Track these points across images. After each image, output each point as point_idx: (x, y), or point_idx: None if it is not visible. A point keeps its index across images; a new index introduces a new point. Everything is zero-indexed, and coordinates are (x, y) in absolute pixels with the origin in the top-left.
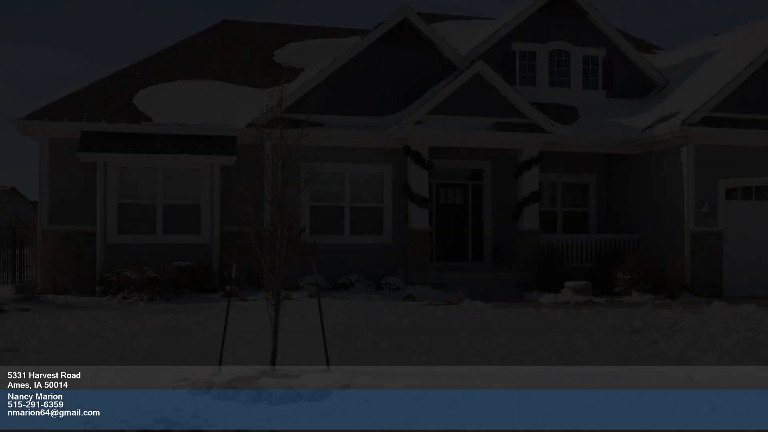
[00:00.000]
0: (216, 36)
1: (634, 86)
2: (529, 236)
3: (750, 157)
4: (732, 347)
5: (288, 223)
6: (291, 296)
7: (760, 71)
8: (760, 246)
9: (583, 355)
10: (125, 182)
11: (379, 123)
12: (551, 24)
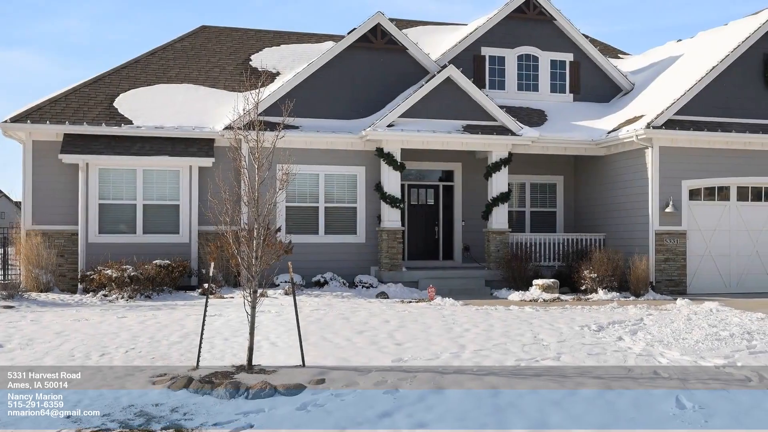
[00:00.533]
0: (194, 41)
1: (601, 90)
2: (498, 235)
3: (713, 159)
4: (695, 343)
5: (264, 222)
6: (267, 294)
7: (721, 76)
8: (723, 245)
9: (550, 350)
10: (106, 183)
11: (353, 126)
12: (520, 29)
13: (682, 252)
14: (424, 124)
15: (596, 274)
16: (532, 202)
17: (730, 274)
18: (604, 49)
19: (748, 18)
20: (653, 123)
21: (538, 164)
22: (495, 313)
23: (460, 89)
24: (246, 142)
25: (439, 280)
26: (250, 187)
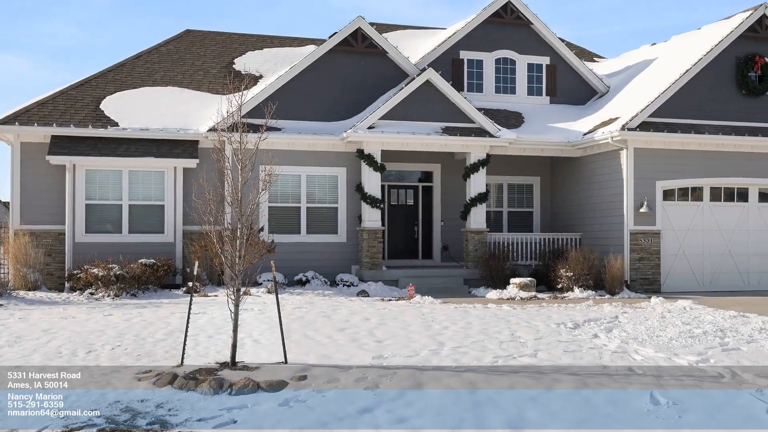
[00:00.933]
0: (179, 45)
1: (577, 92)
2: (476, 235)
3: (686, 160)
4: (669, 340)
5: (247, 222)
6: (250, 292)
7: (694, 79)
8: (696, 245)
9: (528, 348)
10: (92, 184)
11: (335, 127)
12: (498, 33)
13: (657, 251)
14: (403, 126)
15: (572, 273)
16: (510, 202)
17: (704, 272)
18: (580, 52)
19: (721, 22)
20: (628, 125)
21: (516, 165)
22: (473, 311)
23: (439, 92)
24: (229, 143)
25: (418, 279)
26: (233, 187)
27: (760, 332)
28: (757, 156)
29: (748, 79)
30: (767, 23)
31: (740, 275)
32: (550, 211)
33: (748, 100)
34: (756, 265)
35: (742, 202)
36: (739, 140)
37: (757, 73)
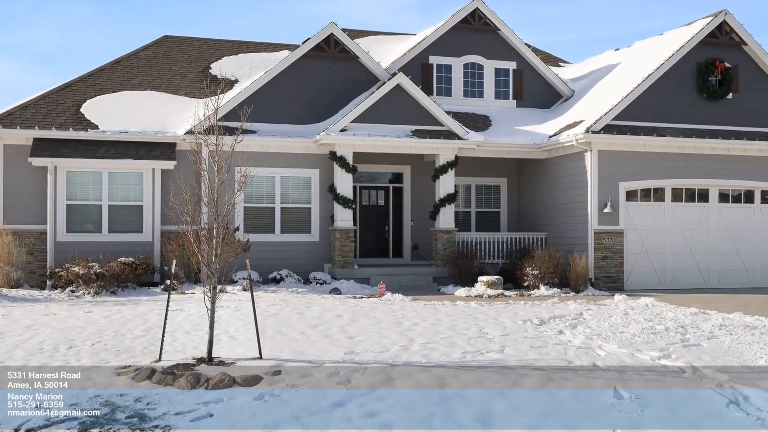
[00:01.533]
0: (157, 50)
1: (543, 96)
2: (445, 234)
3: (648, 162)
4: (632, 337)
5: (223, 222)
6: (226, 290)
7: (657, 83)
8: (658, 244)
9: (495, 343)
10: (73, 185)
11: (308, 130)
12: (466, 39)
13: (620, 250)
14: (375, 129)
15: (538, 271)
16: (478, 202)
17: (665, 271)
18: (546, 57)
19: (683, 28)
20: (592, 128)
21: (483, 167)
22: (442, 308)
23: (409, 96)
24: (206, 145)
25: (389, 277)
26: (210, 188)
27: (720, 329)
28: (717, 158)
29: (709, 83)
30: (727, 29)
31: (701, 274)
32: (517, 212)
33: (708, 103)
34: (716, 263)
35: (703, 203)
36: (700, 143)
37: (717, 77)
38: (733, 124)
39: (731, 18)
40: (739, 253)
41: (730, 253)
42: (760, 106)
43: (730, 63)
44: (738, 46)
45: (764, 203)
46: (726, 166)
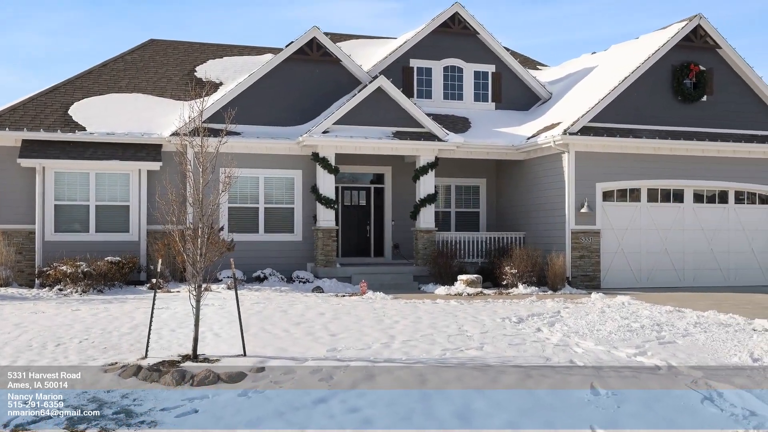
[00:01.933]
0: (143, 53)
1: (521, 99)
2: (425, 234)
3: (625, 163)
4: (608, 334)
5: (208, 222)
6: (211, 288)
7: (633, 86)
8: (634, 243)
9: (474, 341)
10: (61, 185)
11: (291, 132)
12: (446, 43)
13: (597, 249)
14: (356, 131)
15: (517, 270)
16: (457, 203)
17: (641, 270)
18: (524, 61)
19: (658, 32)
20: (569, 129)
21: (463, 168)
22: (423, 306)
23: (390, 98)
24: (191, 147)
25: (370, 276)
26: (195, 189)
27: (695, 326)
28: (692, 159)
29: (684, 86)
30: (702, 33)
31: (676, 272)
32: (496, 212)
33: (683, 106)
34: (691, 262)
35: (678, 203)
36: (675, 144)
37: (692, 80)
38: (707, 126)
39: (706, 22)
40: (713, 252)
41: (704, 252)
42: (734, 108)
43: (704, 66)
44: (712, 50)
45: (738, 203)
46: (701, 167)
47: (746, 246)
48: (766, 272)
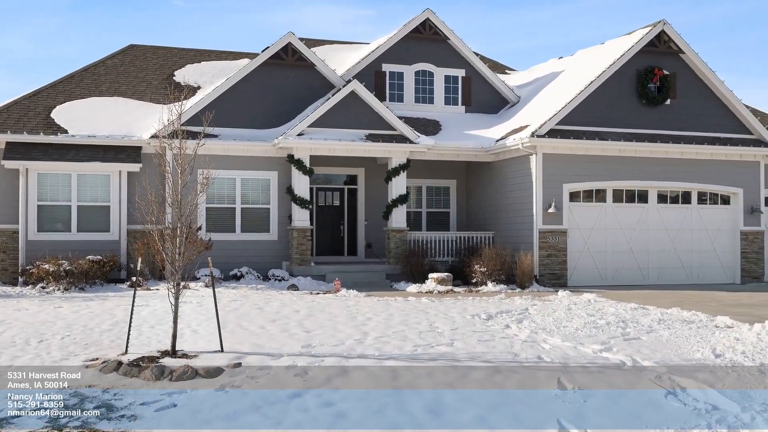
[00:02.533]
0: (124, 58)
1: (490, 102)
2: (397, 233)
3: (591, 165)
4: (575, 330)
5: (187, 222)
6: (189, 286)
7: (598, 90)
8: (600, 242)
9: (445, 337)
10: (44, 186)
11: (267, 134)
12: (417, 48)
13: (563, 248)
14: (330, 133)
15: (486, 268)
16: (428, 203)
17: (607, 268)
18: (493, 65)
19: (623, 37)
20: (537, 132)
21: (434, 169)
22: (395, 304)
23: (363, 102)
24: (170, 149)
25: (344, 274)
26: (173, 190)
27: (659, 323)
28: (656, 161)
29: (648, 90)
30: (666, 39)
31: (640, 271)
32: (466, 212)
33: (648, 109)
34: (655, 261)
35: (643, 204)
36: (639, 146)
37: (656, 84)
38: (671, 129)
39: (669, 28)
40: (676, 251)
41: (668, 251)
42: (696, 111)
43: (668, 70)
44: (676, 55)
45: (701, 204)
46: (664, 168)
47: (709, 245)
48: (728, 271)
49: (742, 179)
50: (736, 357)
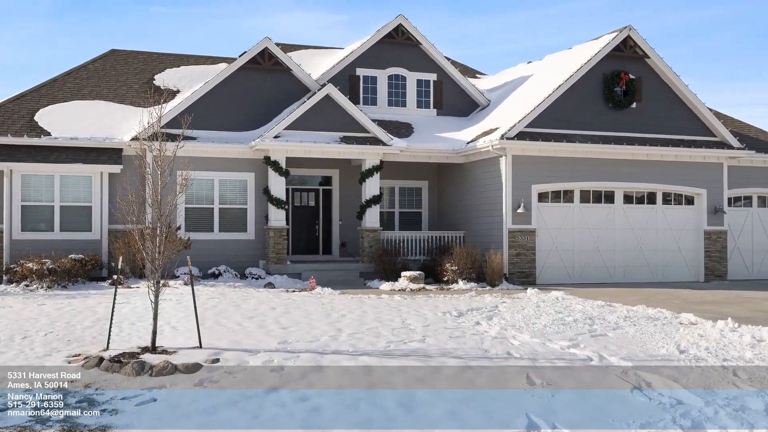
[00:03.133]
0: (105, 63)
1: (461, 105)
2: (371, 233)
3: (558, 166)
4: (543, 327)
5: (166, 222)
6: (169, 284)
7: (566, 93)
8: (567, 242)
9: (417, 334)
10: (28, 187)
11: (244, 137)
12: (390, 52)
13: (532, 247)
14: (306, 136)
15: (457, 267)
16: (401, 203)
17: (574, 266)
18: (464, 69)
19: (590, 42)
20: (507, 134)
21: (406, 171)
22: (368, 301)
23: (337, 105)
24: (150, 151)
25: (319, 272)
26: (153, 190)
27: (625, 320)
28: (622, 162)
29: (614, 93)
30: (631, 44)
31: (607, 269)
32: (437, 212)
33: (614, 112)
34: (621, 260)
35: (609, 204)
36: (606, 148)
37: (622, 88)
38: (637, 131)
39: (635, 33)
40: (642, 250)
41: (633, 250)
42: (662, 114)
43: (634, 75)
44: (641, 59)
45: (666, 204)
46: (630, 170)
47: (673, 244)
48: (692, 269)
49: (706, 180)
50: (699, 353)
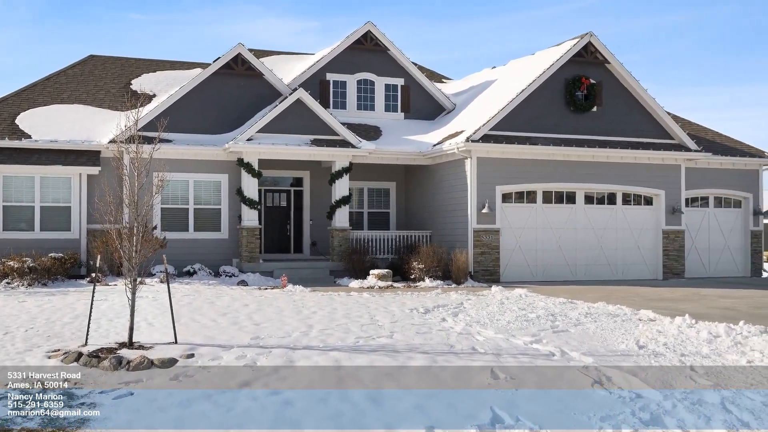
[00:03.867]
0: (84, 68)
1: (428, 109)
2: (340, 232)
3: (522, 168)
4: (507, 323)
5: (143, 221)
6: (145, 282)
7: (530, 97)
8: (531, 241)
9: (385, 330)
10: (9, 188)
11: (218, 139)
12: (359, 58)
13: (496, 246)
14: (278, 138)
15: (424, 265)
16: (370, 204)
17: (537, 265)
18: (431, 74)
19: (553, 48)
20: (471, 137)
21: (375, 172)
22: (338, 298)
23: (308, 109)
24: (127, 153)
25: (290, 270)
26: (130, 191)
27: (586, 316)
28: (584, 164)
29: (576, 97)
30: (592, 50)
31: (569, 267)
32: (405, 212)
33: (576, 115)
34: (582, 258)
35: (571, 204)
36: (568, 151)
37: (583, 92)
38: (598, 134)
39: (596, 39)
40: (602, 249)
41: (594, 249)
42: (621, 118)
43: (595, 79)
44: (602, 65)
45: (625, 205)
46: (591, 171)
47: (633, 243)
48: (651, 267)
49: (664, 181)
50: (658, 348)
